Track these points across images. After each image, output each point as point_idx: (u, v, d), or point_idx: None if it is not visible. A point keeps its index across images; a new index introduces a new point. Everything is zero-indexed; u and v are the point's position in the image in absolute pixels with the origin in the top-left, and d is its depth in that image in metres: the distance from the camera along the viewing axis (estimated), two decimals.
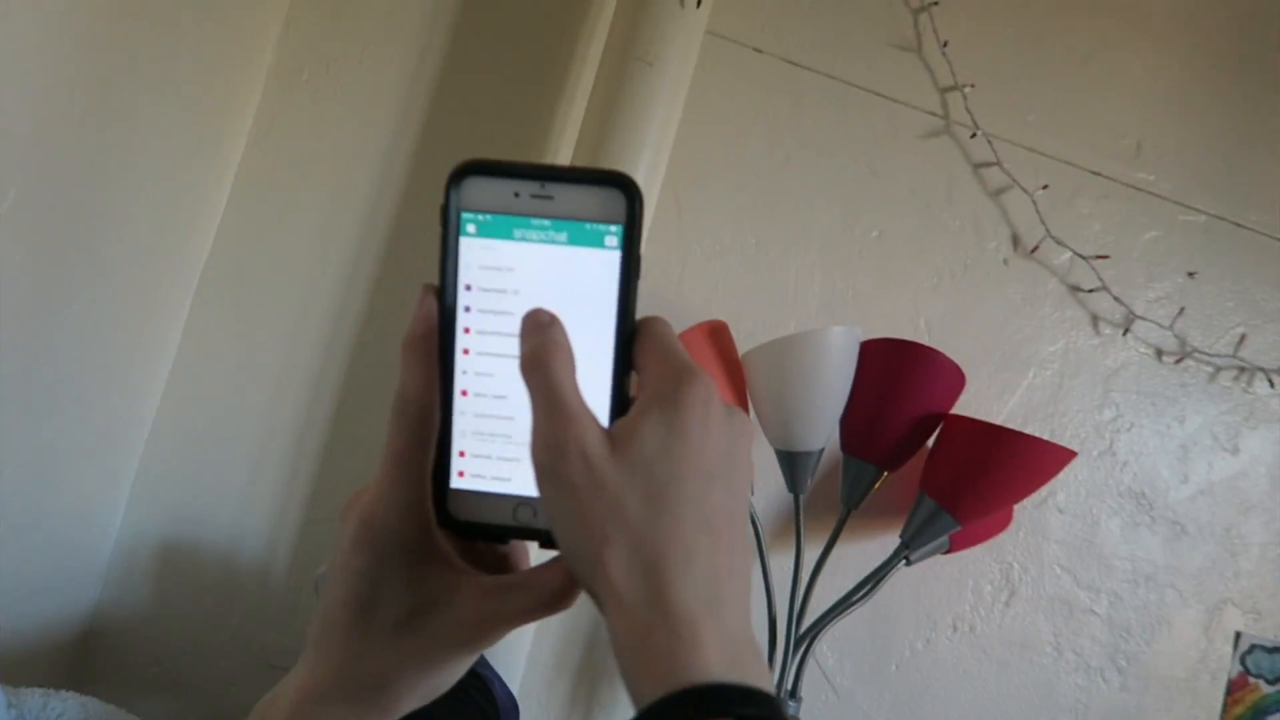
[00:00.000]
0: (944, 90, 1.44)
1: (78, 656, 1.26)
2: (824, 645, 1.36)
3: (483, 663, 1.20)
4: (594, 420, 0.36)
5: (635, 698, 0.33)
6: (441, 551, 0.40)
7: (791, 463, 1.20)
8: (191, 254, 1.29)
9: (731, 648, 0.33)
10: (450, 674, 0.41)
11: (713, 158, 1.41)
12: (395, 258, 1.36)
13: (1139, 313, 1.43)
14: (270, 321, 1.35)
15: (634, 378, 0.39)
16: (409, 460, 0.39)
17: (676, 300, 1.37)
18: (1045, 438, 1.19)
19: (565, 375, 0.36)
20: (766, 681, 0.33)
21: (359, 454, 1.34)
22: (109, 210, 1.05)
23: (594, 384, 0.38)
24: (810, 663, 1.24)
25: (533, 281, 0.39)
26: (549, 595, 0.39)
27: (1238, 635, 1.39)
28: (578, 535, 0.35)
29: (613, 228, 0.38)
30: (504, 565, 0.44)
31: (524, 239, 0.39)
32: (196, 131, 1.21)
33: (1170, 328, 1.43)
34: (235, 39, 1.25)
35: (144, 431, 1.30)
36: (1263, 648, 1.37)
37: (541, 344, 0.37)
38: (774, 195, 1.42)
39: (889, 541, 1.27)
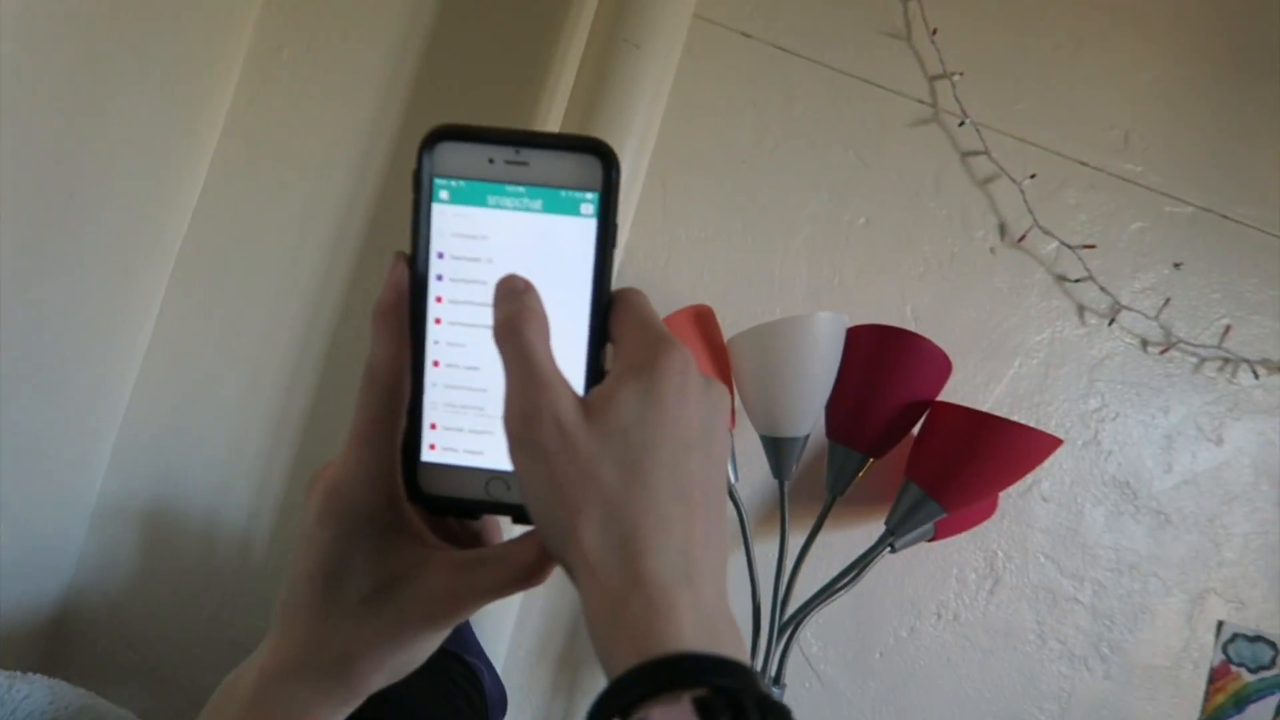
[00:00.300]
0: (933, 79, 1.43)
1: (49, 641, 1.24)
2: (808, 632, 1.36)
3: (473, 651, 1.19)
4: (569, 388, 0.35)
5: (608, 668, 0.32)
6: (410, 525, 0.39)
7: (776, 449, 1.19)
8: (168, 234, 1.27)
9: (706, 618, 0.32)
10: (420, 650, 0.40)
11: (700, 143, 1.40)
12: (376, 237, 1.34)
13: (1125, 303, 1.43)
14: (248, 302, 1.33)
15: (609, 349, 0.38)
16: (377, 432, 0.38)
17: (662, 285, 1.36)
18: (1035, 426, 1.19)
19: (539, 342, 0.36)
20: (741, 653, 0.32)
21: (337, 437, 1.32)
22: (84, 189, 1.03)
23: (569, 354, 0.38)
24: (794, 650, 1.23)
25: (507, 249, 0.38)
26: (520, 570, 0.38)
27: (1220, 624, 1.39)
28: (550, 504, 0.34)
29: (589, 195, 0.37)
30: (476, 541, 0.44)
31: (498, 206, 0.38)
32: (173, 110, 1.19)
33: (1156, 318, 1.43)
34: (214, 16, 1.23)
35: (119, 414, 1.28)
36: (1244, 637, 1.37)
37: (516, 310, 0.36)
38: (761, 181, 1.41)
39: (874, 529, 1.27)
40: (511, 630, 1.28)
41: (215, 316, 1.32)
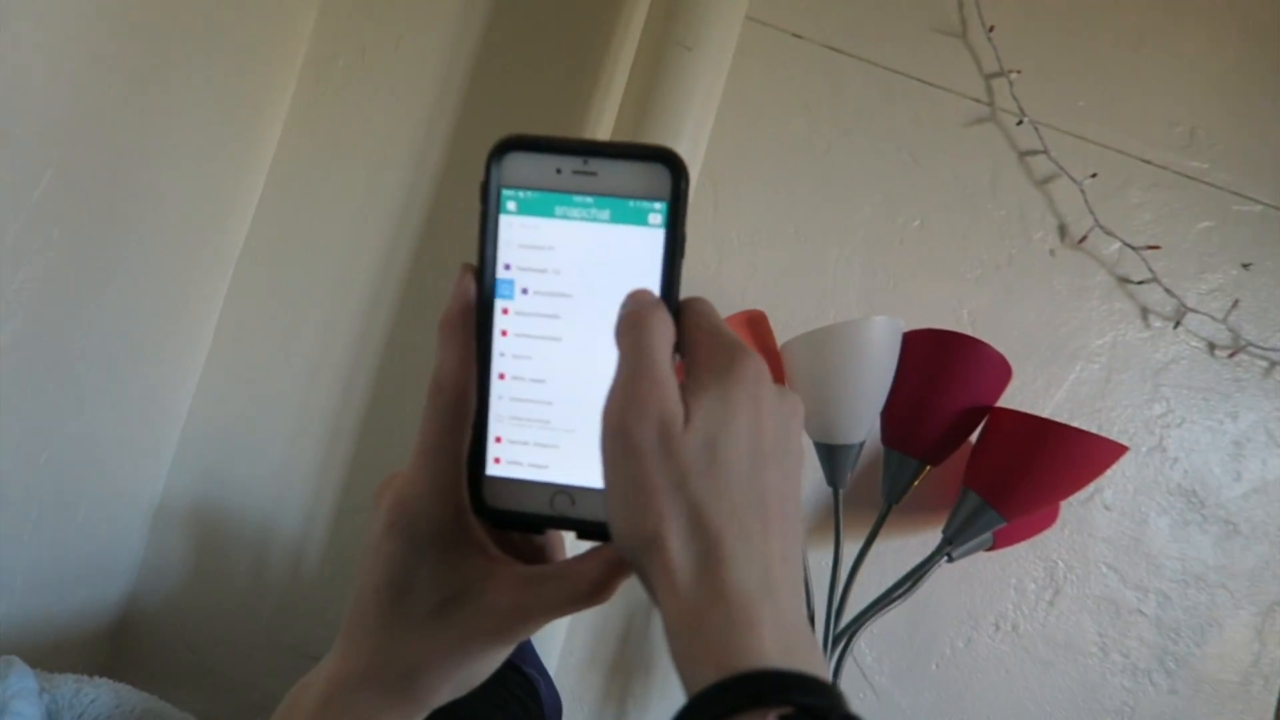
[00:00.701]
0: (989, 76, 1.40)
1: (112, 644, 1.27)
2: (862, 643, 1.34)
3: (530, 661, 1.19)
4: (678, 393, 0.34)
5: (687, 682, 0.31)
6: (476, 539, 0.39)
7: (831, 456, 1.17)
8: (228, 239, 1.29)
9: (787, 634, 0.32)
10: (485, 665, 0.40)
11: (751, 145, 1.39)
12: (431, 242, 1.35)
13: (1191, 305, 1.39)
14: (306, 306, 1.34)
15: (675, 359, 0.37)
16: (443, 445, 0.37)
17: (713, 289, 1.35)
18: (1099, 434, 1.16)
19: (662, 343, 0.35)
20: (823, 669, 0.31)
21: (393, 442, 1.34)
22: (145, 194, 1.05)
23: None
24: (848, 660, 1.21)
25: (574, 260, 0.38)
26: (586, 587, 0.38)
27: None
28: (636, 506, 0.33)
29: (657, 205, 0.37)
30: (539, 555, 0.43)
31: (566, 216, 0.37)
32: (232, 116, 1.20)
33: (1224, 321, 1.39)
34: (271, 26, 1.25)
35: (180, 418, 1.30)
36: None
37: (645, 310, 0.35)
38: (814, 184, 1.39)
39: (930, 538, 1.24)
40: (563, 638, 1.27)
41: (274, 321, 1.34)
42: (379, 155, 1.35)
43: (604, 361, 0.36)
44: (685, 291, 0.37)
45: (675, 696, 1.33)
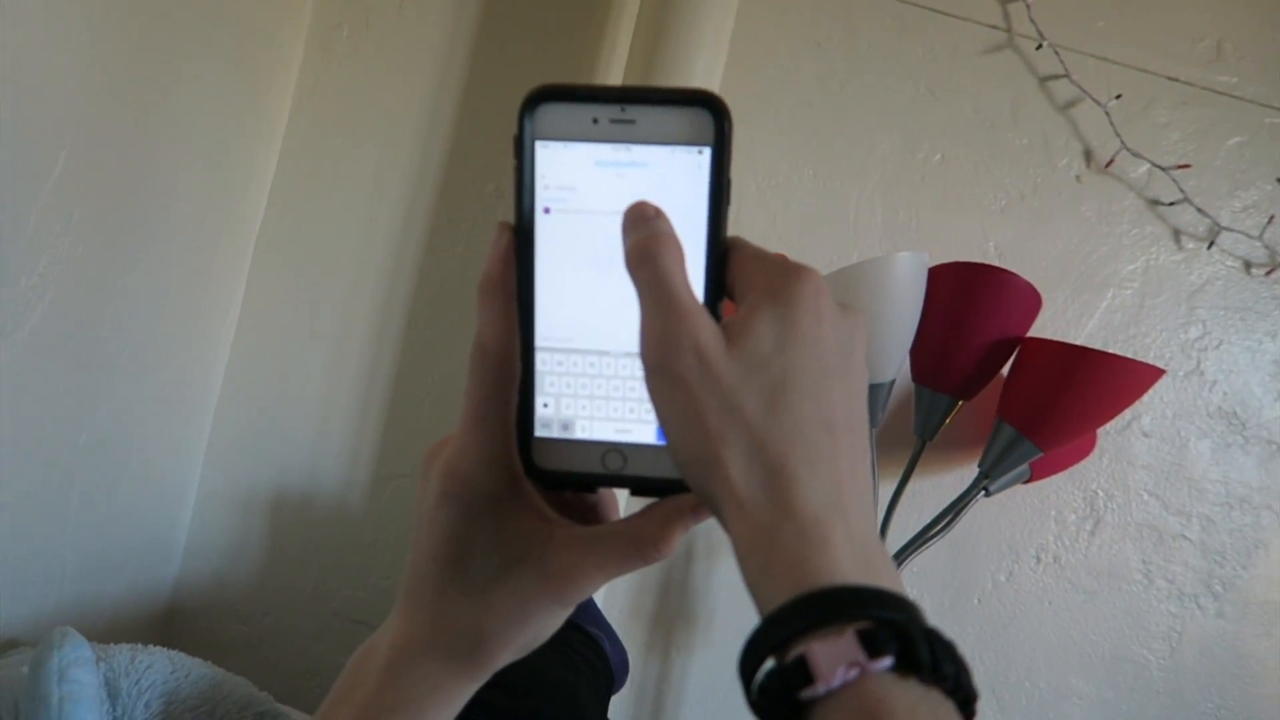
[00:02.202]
0: (1005, 1, 1.37)
1: (164, 620, 1.29)
2: (904, 580, 1.33)
3: (592, 619, 1.20)
4: (708, 316, 0.33)
5: (761, 602, 0.31)
6: (531, 502, 0.38)
7: None
8: (246, 215, 1.30)
9: (860, 549, 0.31)
10: (546, 626, 0.39)
11: (765, 88, 1.36)
12: (447, 206, 1.35)
13: (1224, 224, 1.36)
14: (327, 278, 1.35)
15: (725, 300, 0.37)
16: (490, 410, 0.37)
17: None
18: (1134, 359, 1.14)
19: (675, 268, 0.34)
20: (899, 585, 0.31)
21: (423, 406, 1.35)
22: (159, 175, 1.05)
23: None
24: None
25: (615, 213, 0.36)
26: (643, 545, 0.37)
27: None
28: (693, 436, 0.33)
29: (701, 150, 0.35)
30: (593, 515, 0.43)
31: (605, 167, 0.36)
32: (241, 91, 1.20)
33: (1259, 238, 1.36)
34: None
35: (214, 395, 1.32)
36: None
37: (649, 236, 0.34)
38: (830, 123, 1.37)
39: (966, 473, 1.24)
40: (604, 592, 1.29)
41: (298, 294, 1.35)
42: (390, 122, 1.35)
43: None
44: None
45: (718, 644, 1.34)
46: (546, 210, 0.37)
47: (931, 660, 0.28)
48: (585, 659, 1.06)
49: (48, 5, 0.81)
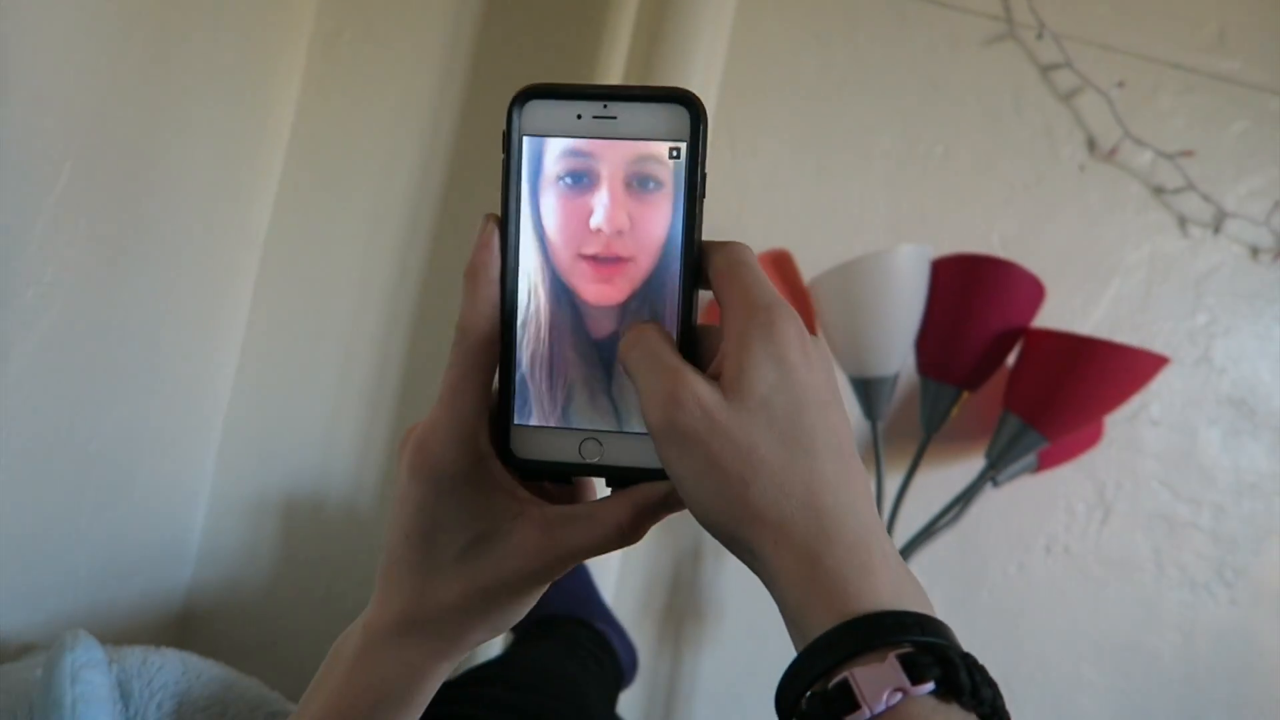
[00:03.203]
0: None
1: (178, 625, 1.31)
2: (914, 574, 1.33)
3: (600, 617, 1.20)
4: (699, 373, 0.35)
5: (802, 630, 0.32)
6: (502, 481, 0.39)
7: (867, 389, 1.17)
8: (253, 221, 1.31)
9: (895, 572, 0.32)
10: (518, 606, 0.40)
11: (765, 84, 1.37)
12: (452, 207, 1.35)
13: (1230, 210, 1.35)
14: (335, 281, 1.36)
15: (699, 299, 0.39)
16: (464, 390, 0.38)
17: (736, 233, 1.33)
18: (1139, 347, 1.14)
19: (663, 343, 0.36)
20: (930, 608, 0.32)
21: (430, 408, 1.35)
22: (165, 184, 1.06)
23: (662, 303, 0.38)
24: None
25: None
26: (614, 529, 0.38)
27: None
28: (713, 484, 0.34)
29: (677, 145, 0.37)
30: (569, 498, 0.44)
31: None
32: (245, 97, 1.21)
33: (1266, 223, 1.35)
34: (275, 6, 1.25)
35: (224, 399, 1.33)
36: None
37: (635, 328, 0.37)
38: (831, 118, 1.37)
39: (973, 465, 1.23)
40: (614, 586, 1.29)
41: (306, 297, 1.35)
42: (394, 126, 1.36)
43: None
44: (711, 237, 0.38)
45: (728, 640, 1.34)
46: (532, 201, 0.38)
47: (971, 685, 0.29)
48: (592, 655, 1.07)
49: (50, 18, 0.82)
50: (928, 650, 0.29)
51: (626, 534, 0.38)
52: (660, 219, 0.38)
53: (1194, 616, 1.34)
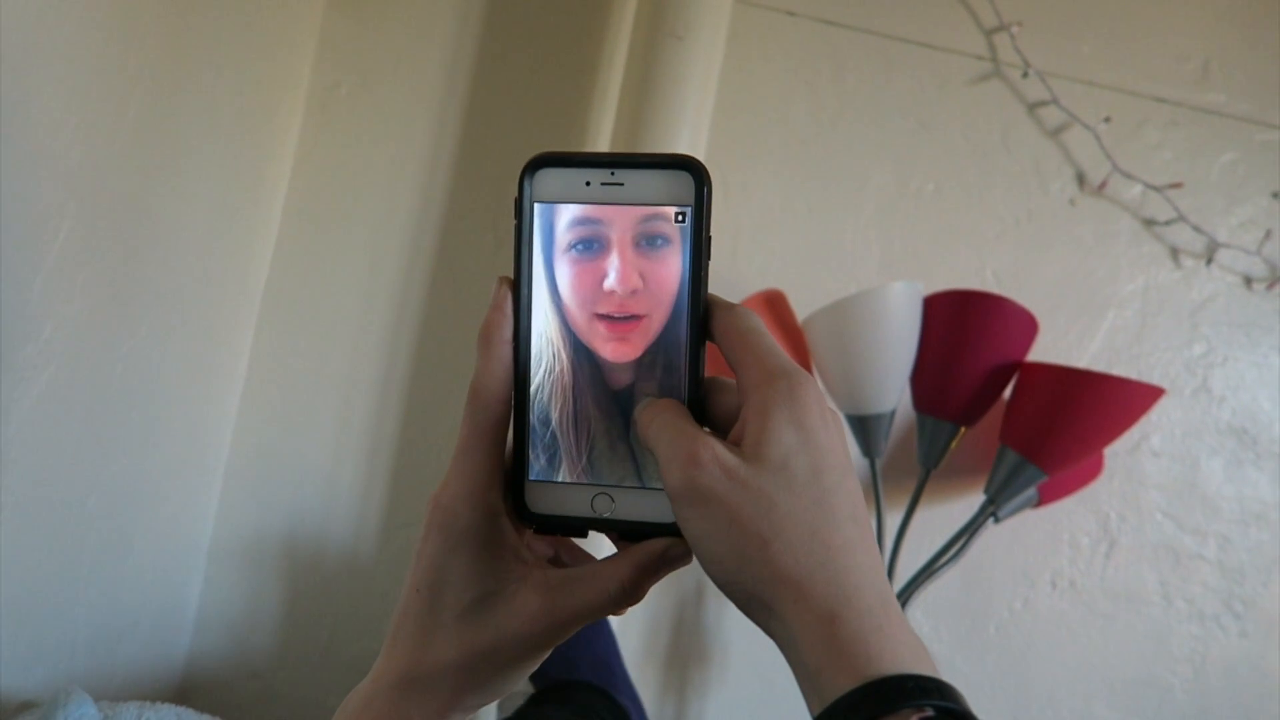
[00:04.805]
0: (990, 32, 1.39)
1: (181, 676, 1.30)
2: (919, 612, 1.32)
3: (623, 691, 1.18)
4: (718, 438, 0.36)
5: (820, 691, 0.32)
6: (508, 542, 0.40)
7: (864, 427, 1.17)
8: (252, 272, 1.32)
9: (911, 638, 0.33)
10: (516, 671, 0.40)
11: (755, 129, 1.39)
12: (447, 258, 1.37)
13: (1222, 240, 1.36)
14: (333, 331, 1.37)
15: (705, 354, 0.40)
16: (476, 449, 0.39)
17: (732, 275, 1.35)
18: (1135, 379, 1.14)
19: (681, 412, 0.38)
20: (938, 672, 0.32)
21: (431, 455, 1.36)
22: (164, 238, 1.08)
23: (670, 364, 0.40)
24: None
25: None
26: (615, 589, 0.39)
27: None
28: (733, 543, 0.34)
29: (681, 210, 0.39)
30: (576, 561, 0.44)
31: None
32: (243, 151, 1.24)
33: (1258, 252, 1.36)
34: (273, 61, 1.28)
35: (224, 451, 1.33)
36: None
37: (651, 403, 0.39)
38: (822, 160, 1.39)
39: (974, 500, 1.23)
40: (617, 631, 1.28)
41: (305, 347, 1.36)
42: (390, 177, 1.38)
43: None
44: (708, 280, 0.40)
45: (733, 683, 1.33)
46: (545, 265, 0.40)
47: None
48: None
49: (47, 76, 0.84)
50: (948, 715, 0.30)
51: (629, 591, 0.39)
52: (671, 274, 0.39)
53: (1204, 649, 1.32)
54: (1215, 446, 1.35)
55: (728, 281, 1.33)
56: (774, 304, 1.20)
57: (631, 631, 1.33)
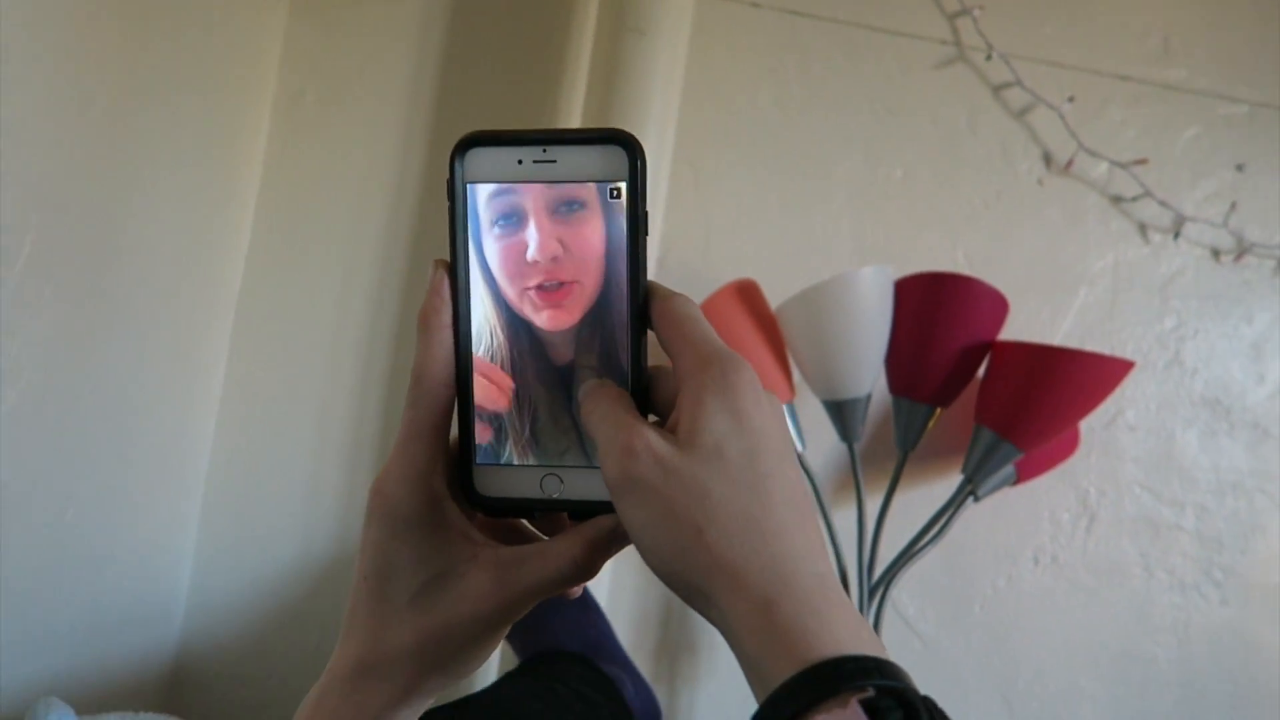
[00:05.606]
0: (952, 16, 1.40)
1: (168, 688, 1.30)
2: (903, 594, 1.33)
3: (614, 659, 1.16)
4: (654, 427, 0.36)
5: (762, 678, 0.32)
6: (456, 524, 0.40)
7: (840, 411, 1.18)
8: (225, 281, 1.32)
9: (851, 617, 0.33)
10: (475, 651, 0.40)
11: (723, 121, 1.39)
12: (419, 262, 1.37)
13: (1188, 214, 1.37)
14: (309, 337, 1.37)
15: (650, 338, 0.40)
16: (419, 434, 0.39)
17: (704, 269, 1.36)
18: (1106, 353, 1.15)
19: (619, 398, 0.38)
20: (884, 651, 0.32)
21: None
22: (132, 251, 1.07)
23: (611, 344, 0.39)
24: (891, 612, 1.21)
25: None
26: (567, 565, 0.38)
27: None
28: (668, 531, 0.34)
29: (616, 184, 0.38)
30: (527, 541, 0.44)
31: None
32: (211, 163, 1.23)
33: (1224, 225, 1.37)
34: (238, 69, 1.27)
35: (204, 459, 1.33)
36: None
37: (590, 388, 0.39)
38: (790, 150, 1.39)
39: (953, 481, 1.24)
40: None
41: (281, 353, 1.36)
42: (360, 183, 1.38)
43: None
44: (681, 274, 0.40)
45: (723, 673, 1.33)
46: (476, 245, 0.40)
47: None
48: (580, 695, 1.02)
49: (7, 88, 0.84)
50: (890, 694, 0.29)
51: (581, 568, 0.38)
52: (592, 237, 0.39)
53: (1187, 619, 1.34)
54: (1189, 418, 1.36)
55: (701, 276, 1.34)
56: (747, 293, 1.21)
57: (618, 625, 1.33)
